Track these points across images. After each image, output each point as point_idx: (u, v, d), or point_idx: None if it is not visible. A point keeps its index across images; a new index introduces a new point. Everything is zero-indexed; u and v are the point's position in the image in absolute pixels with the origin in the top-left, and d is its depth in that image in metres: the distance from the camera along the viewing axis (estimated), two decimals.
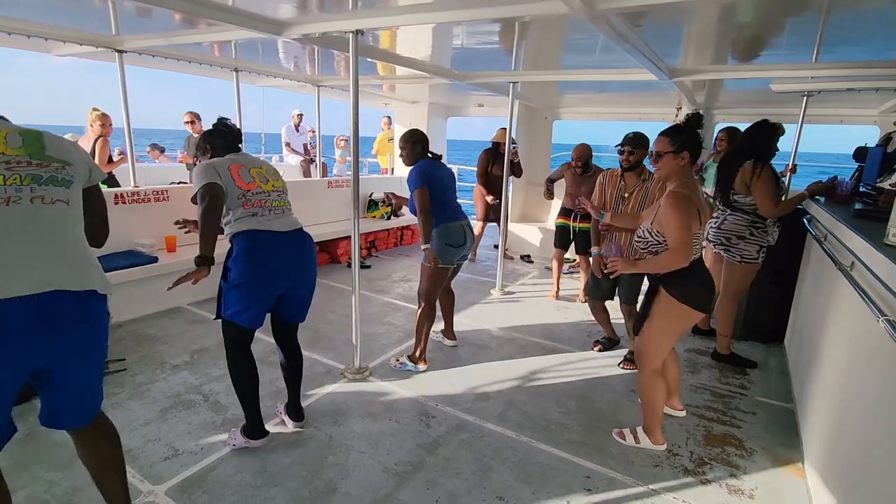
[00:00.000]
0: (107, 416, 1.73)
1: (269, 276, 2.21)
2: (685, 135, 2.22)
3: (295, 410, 2.58)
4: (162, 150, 7.77)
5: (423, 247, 3.06)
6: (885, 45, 3.10)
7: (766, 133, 3.19)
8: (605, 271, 2.48)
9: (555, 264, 4.88)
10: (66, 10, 3.31)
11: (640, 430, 2.56)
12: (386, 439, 2.51)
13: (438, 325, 3.71)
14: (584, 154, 4.45)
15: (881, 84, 3.68)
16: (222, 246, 2.14)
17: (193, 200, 2.15)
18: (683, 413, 2.83)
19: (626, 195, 3.23)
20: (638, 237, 2.38)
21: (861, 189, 3.40)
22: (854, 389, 1.89)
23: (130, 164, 4.34)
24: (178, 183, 5.52)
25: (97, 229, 1.72)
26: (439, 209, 3.10)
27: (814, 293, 3.08)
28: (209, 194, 2.10)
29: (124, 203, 4.05)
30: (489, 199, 5.79)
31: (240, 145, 2.45)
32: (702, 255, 2.37)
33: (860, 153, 3.74)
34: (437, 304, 3.29)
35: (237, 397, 2.33)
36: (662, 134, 2.27)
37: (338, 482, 2.19)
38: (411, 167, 3.15)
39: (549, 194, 4.97)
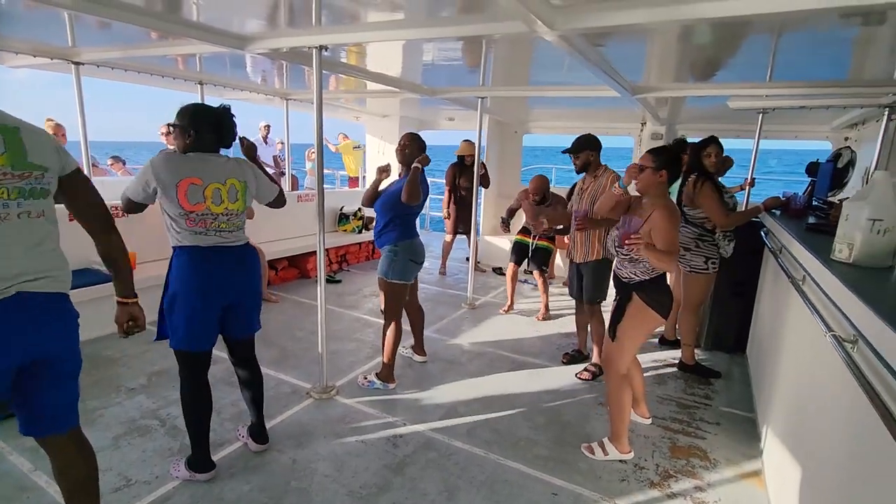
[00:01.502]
0: (84, 435, 1.70)
1: (207, 294, 2.11)
2: (667, 156, 2.42)
3: (258, 433, 2.49)
4: (124, 163, 7.57)
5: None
6: (834, 66, 3.26)
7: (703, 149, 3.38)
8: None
9: (509, 279, 4.82)
10: (19, 19, 3.19)
11: (606, 441, 2.60)
12: (352, 461, 2.45)
13: (408, 341, 3.68)
14: (540, 189, 4.46)
15: (830, 102, 3.85)
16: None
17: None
18: (649, 421, 2.88)
19: (581, 191, 3.37)
20: (623, 249, 2.49)
21: (814, 203, 3.53)
22: (808, 400, 1.94)
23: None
24: None
25: (96, 219, 1.69)
26: (408, 225, 3.10)
27: (771, 305, 3.18)
28: (126, 207, 2.13)
29: None
30: (444, 213, 6.07)
31: (227, 147, 2.21)
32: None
33: (812, 168, 3.90)
34: (402, 321, 3.24)
35: (185, 426, 2.23)
36: (648, 151, 2.47)
37: None
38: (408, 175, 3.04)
39: (506, 228, 4.74)
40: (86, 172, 4.16)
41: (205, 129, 2.08)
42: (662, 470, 2.49)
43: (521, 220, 4.96)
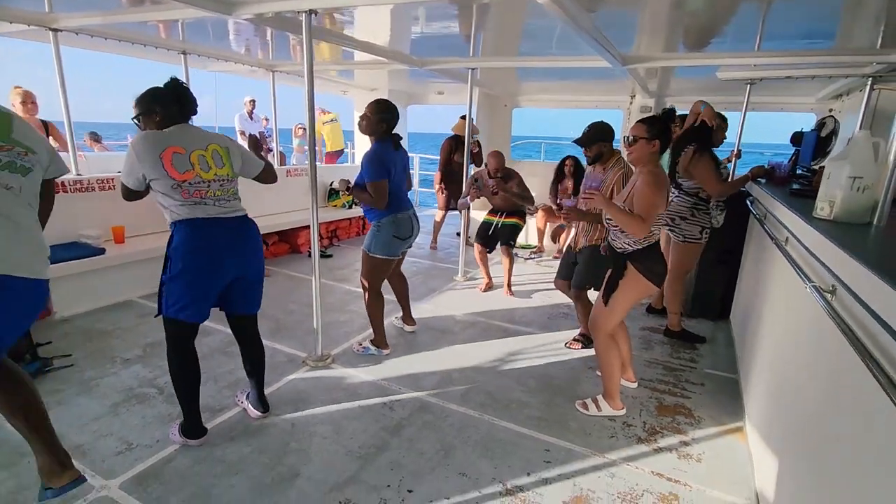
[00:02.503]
0: (14, 364, 1.76)
1: (210, 265, 2.10)
2: (659, 125, 2.42)
3: (259, 402, 2.53)
4: (98, 140, 7.42)
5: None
6: (821, 35, 3.29)
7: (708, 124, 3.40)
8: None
9: (478, 259, 4.69)
10: None
11: (600, 398, 2.70)
12: (349, 424, 2.51)
13: (398, 312, 3.72)
14: (501, 165, 4.36)
15: (817, 72, 3.90)
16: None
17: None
18: (636, 385, 2.97)
19: (590, 181, 3.21)
20: (609, 217, 2.52)
21: (798, 171, 3.61)
22: (790, 354, 2.02)
23: (71, 151, 4.10)
24: None
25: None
26: (393, 198, 2.99)
27: (754, 269, 3.27)
28: (124, 193, 2.13)
29: (66, 192, 3.83)
30: (441, 189, 6.03)
31: (193, 115, 2.21)
32: (659, 237, 2.53)
33: (797, 138, 3.97)
34: (382, 290, 3.22)
35: (176, 395, 2.25)
36: (640, 121, 2.46)
37: (300, 467, 2.18)
38: (369, 150, 2.94)
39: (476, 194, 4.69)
40: (70, 149, 4.11)
41: (166, 103, 2.09)
42: (649, 427, 2.60)
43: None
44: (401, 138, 3.11)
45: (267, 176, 2.43)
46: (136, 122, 2.16)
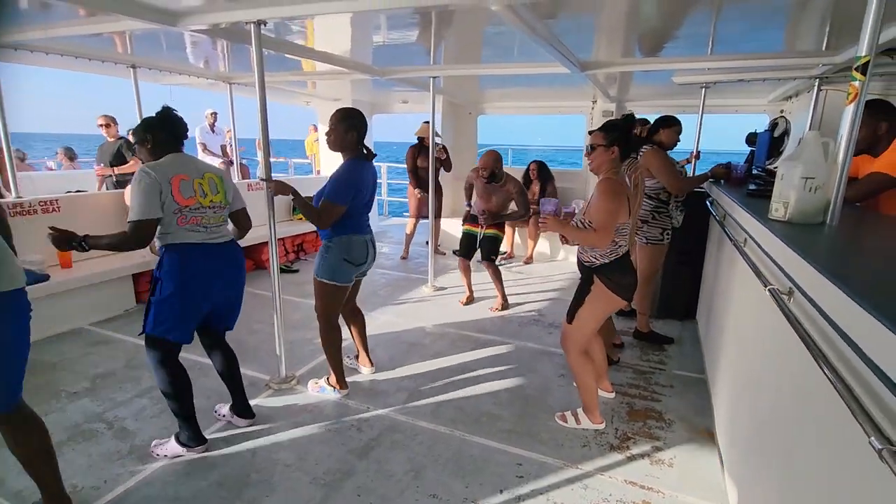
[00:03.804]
0: (32, 410, 1.80)
1: (200, 290, 2.22)
2: (617, 132, 2.39)
3: (244, 409, 2.60)
4: (71, 158, 7.09)
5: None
6: (770, 41, 3.40)
7: (656, 126, 3.47)
8: (540, 228, 2.55)
9: (462, 272, 4.50)
10: None
11: (580, 411, 2.65)
12: (314, 448, 2.41)
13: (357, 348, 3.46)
14: (489, 164, 4.10)
15: (767, 75, 4.02)
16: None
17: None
18: (612, 395, 2.94)
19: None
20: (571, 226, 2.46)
21: (754, 171, 3.69)
22: (753, 355, 2.03)
23: (11, 172, 3.87)
24: (75, 192, 5.01)
25: None
26: (350, 218, 2.65)
27: (716, 270, 3.32)
28: (139, 234, 2.05)
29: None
30: (417, 193, 5.88)
31: (185, 139, 2.30)
32: (629, 248, 2.46)
33: (751, 138, 4.08)
34: (339, 323, 2.86)
35: (172, 410, 2.31)
36: (598, 129, 2.44)
37: (261, 500, 2.06)
38: (342, 165, 2.65)
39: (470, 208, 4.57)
40: (9, 168, 3.88)
41: (157, 130, 2.20)
42: (622, 433, 2.58)
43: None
44: (374, 155, 2.79)
45: (244, 217, 2.49)
46: (133, 152, 2.25)
